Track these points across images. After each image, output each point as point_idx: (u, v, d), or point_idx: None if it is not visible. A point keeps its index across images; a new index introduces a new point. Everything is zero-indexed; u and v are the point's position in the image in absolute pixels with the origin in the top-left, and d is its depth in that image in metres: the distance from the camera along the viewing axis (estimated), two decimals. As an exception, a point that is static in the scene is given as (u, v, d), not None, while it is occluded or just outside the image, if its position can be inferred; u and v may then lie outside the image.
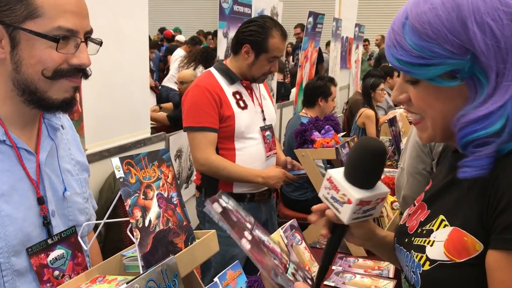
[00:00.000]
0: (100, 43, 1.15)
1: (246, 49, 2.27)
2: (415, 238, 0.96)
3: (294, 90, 5.50)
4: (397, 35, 0.87)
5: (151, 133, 3.16)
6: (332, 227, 1.04)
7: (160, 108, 5.17)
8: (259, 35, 2.25)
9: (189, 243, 1.13)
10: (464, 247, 0.84)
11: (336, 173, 0.99)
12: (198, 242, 1.14)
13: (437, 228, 0.91)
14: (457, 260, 0.85)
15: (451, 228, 0.88)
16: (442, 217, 0.91)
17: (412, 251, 0.95)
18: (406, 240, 0.99)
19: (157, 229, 1.04)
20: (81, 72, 1.10)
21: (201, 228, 3.53)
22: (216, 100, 2.22)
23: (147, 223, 1.02)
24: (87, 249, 1.19)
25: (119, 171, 1.00)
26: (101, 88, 2.51)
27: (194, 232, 1.18)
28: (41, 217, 1.11)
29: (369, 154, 0.97)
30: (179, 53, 7.70)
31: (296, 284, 0.89)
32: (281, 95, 6.38)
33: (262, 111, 2.40)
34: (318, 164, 3.63)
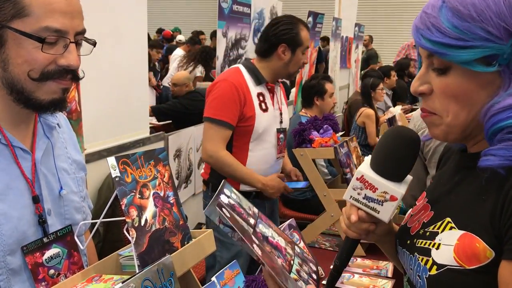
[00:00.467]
0: (94, 44, 1.13)
1: (283, 48, 2.33)
2: (417, 240, 0.94)
3: (293, 90, 5.49)
4: (431, 17, 0.84)
5: (150, 132, 3.16)
6: None
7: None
8: (291, 31, 2.33)
9: (185, 242, 1.13)
10: (475, 253, 0.82)
11: (367, 170, 0.93)
12: (195, 241, 1.13)
13: (442, 231, 0.89)
14: (466, 267, 0.83)
15: (462, 232, 0.85)
16: (448, 219, 0.89)
17: (416, 254, 0.92)
18: (408, 241, 0.97)
19: (153, 228, 1.04)
20: (70, 74, 1.08)
21: (204, 224, 3.53)
22: (241, 98, 2.27)
23: (143, 222, 1.02)
24: (84, 248, 1.18)
25: (115, 170, 1.00)
26: (100, 88, 2.51)
27: (191, 231, 1.17)
28: (36, 215, 1.10)
29: (406, 142, 0.92)
30: (178, 53, 7.70)
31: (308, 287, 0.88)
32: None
33: (281, 114, 2.46)
34: (319, 163, 3.63)
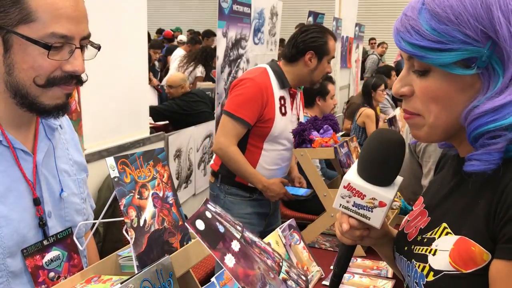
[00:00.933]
0: (98, 48, 1.13)
1: (310, 55, 2.37)
2: (415, 246, 0.93)
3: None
4: (411, 20, 0.83)
5: (150, 132, 3.16)
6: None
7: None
8: (320, 40, 2.38)
9: (184, 242, 1.13)
10: (471, 257, 0.82)
11: (353, 177, 0.92)
12: (194, 242, 1.13)
13: (439, 236, 0.88)
14: (463, 271, 0.82)
15: (457, 237, 0.85)
16: (444, 225, 0.88)
17: (413, 260, 0.92)
18: (406, 248, 0.96)
19: (152, 228, 1.04)
20: (75, 79, 1.08)
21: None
22: (263, 100, 2.31)
23: (142, 223, 1.01)
24: (83, 249, 1.18)
25: (113, 170, 0.99)
26: (100, 88, 2.50)
27: (190, 232, 1.17)
28: (37, 218, 1.10)
29: (389, 145, 0.91)
30: (179, 52, 7.69)
31: None
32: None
33: (298, 119, 2.51)
34: (314, 165, 3.63)
